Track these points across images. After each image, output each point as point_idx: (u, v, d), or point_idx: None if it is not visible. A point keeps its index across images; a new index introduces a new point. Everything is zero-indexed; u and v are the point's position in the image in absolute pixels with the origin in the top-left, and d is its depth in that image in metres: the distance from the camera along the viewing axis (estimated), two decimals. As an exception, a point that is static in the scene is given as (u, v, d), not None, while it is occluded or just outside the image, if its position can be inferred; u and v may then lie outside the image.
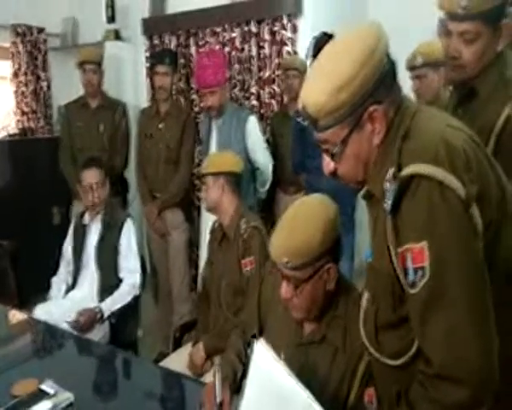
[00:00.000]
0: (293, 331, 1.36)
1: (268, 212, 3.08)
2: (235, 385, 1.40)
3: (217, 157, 2.20)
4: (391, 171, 0.87)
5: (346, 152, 0.95)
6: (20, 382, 1.43)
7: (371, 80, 0.89)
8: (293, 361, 1.33)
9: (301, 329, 1.36)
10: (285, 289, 1.28)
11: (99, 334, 2.22)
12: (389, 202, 0.85)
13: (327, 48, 0.97)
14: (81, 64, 3.06)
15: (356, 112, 0.90)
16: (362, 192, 1.05)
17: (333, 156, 0.96)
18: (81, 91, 3.20)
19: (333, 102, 0.90)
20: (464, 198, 0.82)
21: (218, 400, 1.27)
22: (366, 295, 1.05)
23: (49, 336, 1.97)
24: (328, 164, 1.00)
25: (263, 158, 2.76)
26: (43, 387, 1.35)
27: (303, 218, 1.26)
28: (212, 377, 1.35)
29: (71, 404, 1.31)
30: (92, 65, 3.04)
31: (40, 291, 2.48)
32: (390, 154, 0.91)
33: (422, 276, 0.83)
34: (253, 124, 2.72)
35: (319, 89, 0.91)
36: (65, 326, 2.03)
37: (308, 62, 2.63)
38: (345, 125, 0.92)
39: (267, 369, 1.11)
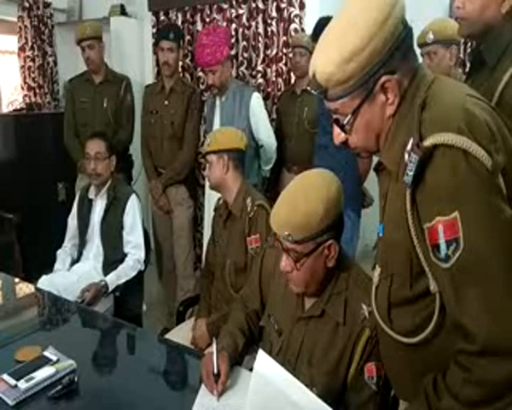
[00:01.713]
0: (295, 305, 1.37)
1: (272, 190, 3.08)
2: (236, 356, 1.41)
3: (220, 134, 2.16)
4: (411, 141, 0.83)
5: (357, 123, 0.92)
6: (24, 348, 1.45)
7: (383, 50, 0.86)
8: (294, 335, 1.35)
9: (302, 303, 1.36)
10: (285, 262, 1.28)
11: (103, 307, 2.24)
12: (410, 174, 0.81)
13: (339, 12, 0.94)
14: (79, 42, 3.04)
15: (367, 83, 0.87)
16: (373, 166, 1.04)
17: (343, 127, 0.93)
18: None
19: (341, 73, 0.87)
20: (490, 167, 0.79)
21: (215, 370, 1.29)
22: (378, 271, 1.02)
23: (53, 306, 1.99)
24: (338, 134, 0.97)
25: (267, 136, 2.74)
26: (47, 353, 1.37)
27: (305, 191, 1.25)
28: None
29: (73, 371, 1.33)
30: (89, 41, 3.00)
31: (45, 264, 2.51)
32: (405, 125, 0.89)
33: (456, 248, 0.80)
34: (256, 101, 2.69)
35: (328, 58, 0.89)
36: (69, 298, 2.05)
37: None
38: (355, 96, 0.89)
39: (270, 376, 1.12)
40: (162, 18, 3.74)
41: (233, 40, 3.35)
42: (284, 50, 3.21)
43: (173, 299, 3.07)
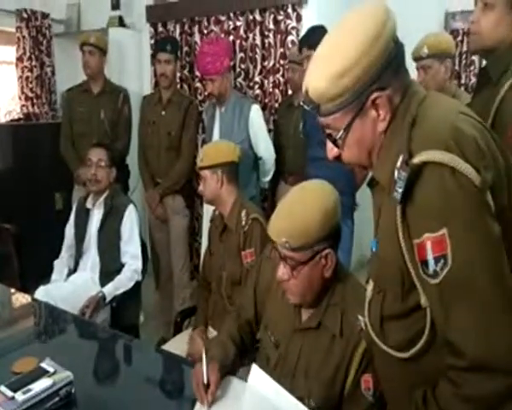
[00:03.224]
0: (292, 317, 1.36)
1: (269, 201, 3.09)
2: (227, 366, 1.40)
3: (212, 149, 2.14)
4: (401, 158, 0.84)
5: (349, 138, 0.93)
6: (21, 360, 1.45)
7: (375, 66, 0.87)
8: (291, 347, 1.35)
9: (299, 315, 1.36)
10: (282, 270, 1.28)
11: (100, 318, 2.23)
12: (400, 191, 0.82)
13: (331, 30, 0.96)
14: (81, 46, 3.07)
15: (358, 99, 0.88)
16: (367, 180, 1.05)
17: (335, 142, 0.94)
18: (85, 77, 3.20)
19: (333, 89, 0.88)
20: (479, 184, 0.79)
21: (204, 380, 1.27)
22: (371, 285, 1.02)
23: (50, 317, 1.99)
24: (331, 149, 0.98)
25: (265, 148, 2.76)
26: (43, 365, 1.36)
27: (303, 200, 1.26)
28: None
29: (70, 383, 1.33)
30: (90, 47, 3.04)
31: (42, 275, 2.50)
32: (396, 141, 0.89)
33: (444, 264, 0.80)
34: (256, 113, 2.71)
35: (320, 74, 0.90)
36: (66, 309, 2.05)
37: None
38: (348, 112, 0.90)
39: (264, 391, 1.12)
40: (160, 29, 3.77)
41: (230, 52, 3.38)
42: (281, 62, 3.24)
43: (170, 308, 3.07)
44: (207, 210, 2.82)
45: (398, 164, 0.84)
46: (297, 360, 1.33)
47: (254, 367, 1.16)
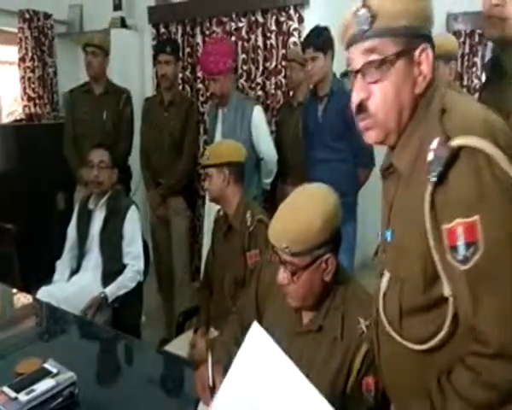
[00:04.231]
0: (293, 320, 1.36)
1: (270, 202, 3.10)
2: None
3: (219, 147, 2.16)
4: (437, 140, 0.83)
5: (390, 79, 0.90)
6: (24, 360, 1.45)
7: (424, 16, 0.91)
8: (292, 350, 1.33)
9: (300, 318, 1.36)
10: (282, 274, 1.28)
11: (102, 318, 2.23)
12: (437, 171, 0.81)
13: None
14: (84, 47, 3.08)
15: (412, 35, 0.90)
16: (382, 166, 1.03)
17: (381, 63, 0.90)
18: (87, 78, 3.21)
19: (394, 7, 0.89)
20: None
21: (210, 383, 1.27)
22: (387, 276, 0.98)
23: (52, 318, 1.99)
24: (359, 91, 0.93)
25: (267, 148, 2.76)
26: (47, 366, 1.37)
27: (304, 205, 1.26)
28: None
29: (73, 383, 1.33)
30: (93, 47, 3.04)
31: (44, 275, 2.51)
32: (418, 130, 0.91)
33: (475, 251, 0.80)
34: (258, 114, 2.72)
35: None
36: (68, 309, 2.05)
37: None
38: (398, 42, 0.89)
39: (261, 349, 1.09)
40: (162, 30, 3.78)
41: (232, 53, 3.38)
42: (283, 63, 3.25)
43: (172, 308, 3.08)
44: (209, 211, 2.82)
45: (434, 145, 0.83)
46: (297, 363, 1.33)
47: (255, 325, 1.13)
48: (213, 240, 2.21)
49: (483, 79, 2.56)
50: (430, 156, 0.83)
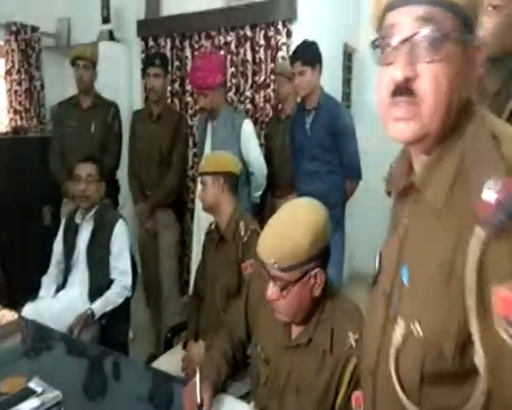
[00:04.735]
0: (282, 334, 1.36)
1: (259, 215, 3.09)
2: (220, 385, 1.39)
3: (216, 157, 2.19)
4: (497, 178, 0.63)
5: (446, 61, 0.70)
6: (8, 379, 1.42)
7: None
8: (281, 364, 1.34)
9: (289, 332, 1.36)
10: (271, 290, 1.28)
11: (89, 335, 2.19)
12: (496, 223, 0.62)
13: None
14: (73, 61, 3.06)
15: (472, 21, 0.72)
16: (388, 181, 0.86)
17: (441, 40, 0.69)
18: (75, 91, 3.19)
19: None
20: None
21: (198, 400, 1.26)
22: (401, 328, 0.76)
23: (38, 335, 1.95)
24: (408, 63, 0.71)
25: (258, 162, 2.77)
26: (31, 385, 1.34)
27: (292, 220, 1.26)
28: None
29: (58, 402, 1.30)
30: (83, 61, 3.02)
31: (30, 291, 2.46)
32: (449, 157, 0.73)
33: None
34: (248, 128, 2.73)
35: None
36: (55, 327, 2.02)
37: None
38: (459, 22, 0.71)
39: None
40: (151, 44, 3.78)
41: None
42: (272, 77, 3.26)
43: (160, 324, 3.04)
44: (198, 223, 2.81)
45: (492, 185, 0.63)
46: (287, 377, 1.32)
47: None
48: (204, 253, 2.20)
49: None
50: (488, 196, 0.63)
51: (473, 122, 0.73)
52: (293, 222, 1.25)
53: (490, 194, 0.63)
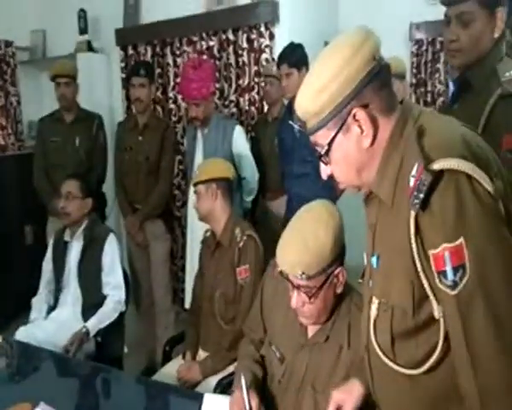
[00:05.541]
0: (298, 332, 1.39)
1: (250, 217, 3.05)
2: (260, 388, 1.42)
3: (208, 165, 2.18)
4: (416, 166, 0.82)
5: (335, 155, 0.94)
6: (14, 407, 1.38)
7: (352, 83, 0.88)
8: (298, 362, 1.38)
9: (305, 330, 1.38)
10: (296, 298, 1.29)
11: (84, 352, 2.14)
12: (420, 198, 0.80)
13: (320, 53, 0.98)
14: (54, 78, 2.98)
15: (339, 114, 0.90)
16: (363, 197, 1.03)
17: (320, 158, 0.95)
18: (53, 105, 3.12)
19: (314, 105, 0.91)
20: (493, 192, 0.80)
21: (247, 407, 1.30)
22: (375, 303, 0.98)
23: (26, 357, 1.89)
24: (324, 169, 0.99)
25: (249, 167, 2.76)
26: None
27: (313, 226, 1.27)
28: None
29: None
30: (65, 78, 2.96)
31: (18, 313, 2.37)
32: (394, 158, 0.90)
33: (463, 274, 0.79)
34: (239, 134, 2.72)
35: (304, 92, 0.94)
36: (50, 348, 1.94)
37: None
38: (330, 128, 0.92)
39: None
40: (131, 52, 3.72)
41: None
42: (256, 80, 3.23)
43: (153, 336, 2.98)
44: (192, 232, 2.77)
45: (414, 172, 0.83)
46: (304, 374, 1.35)
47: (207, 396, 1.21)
48: (201, 261, 2.17)
49: (450, 86, 2.76)
50: (411, 182, 0.83)
51: (409, 124, 0.90)
52: (314, 229, 1.27)
53: (412, 180, 0.83)
